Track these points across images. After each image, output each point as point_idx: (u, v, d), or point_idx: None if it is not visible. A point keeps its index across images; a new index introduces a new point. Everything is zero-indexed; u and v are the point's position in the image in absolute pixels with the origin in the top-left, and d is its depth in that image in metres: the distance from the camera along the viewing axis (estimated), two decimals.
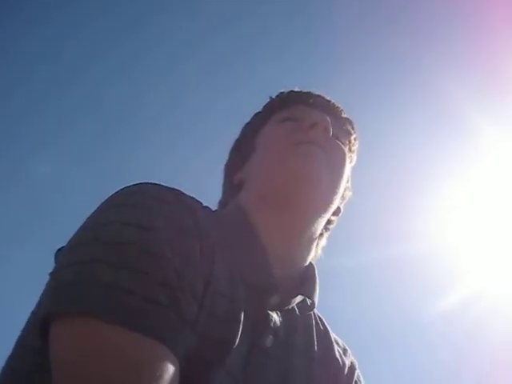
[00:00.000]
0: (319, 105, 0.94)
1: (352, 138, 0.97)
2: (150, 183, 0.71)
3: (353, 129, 0.98)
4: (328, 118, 0.88)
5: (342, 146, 0.91)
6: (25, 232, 3.61)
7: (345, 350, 0.92)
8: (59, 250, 0.70)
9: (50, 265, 0.70)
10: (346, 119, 0.97)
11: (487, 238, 3.23)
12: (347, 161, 0.91)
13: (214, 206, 0.94)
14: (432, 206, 3.18)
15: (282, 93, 0.99)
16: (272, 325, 0.77)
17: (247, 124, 1.01)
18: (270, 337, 0.76)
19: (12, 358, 0.68)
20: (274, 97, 0.99)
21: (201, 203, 0.77)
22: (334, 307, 3.52)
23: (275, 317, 0.78)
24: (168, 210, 0.67)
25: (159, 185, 0.71)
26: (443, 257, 3.30)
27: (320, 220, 0.86)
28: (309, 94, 0.97)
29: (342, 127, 0.95)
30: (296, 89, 0.98)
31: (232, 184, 0.93)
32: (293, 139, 0.85)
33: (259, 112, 1.00)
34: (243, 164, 0.93)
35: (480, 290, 3.12)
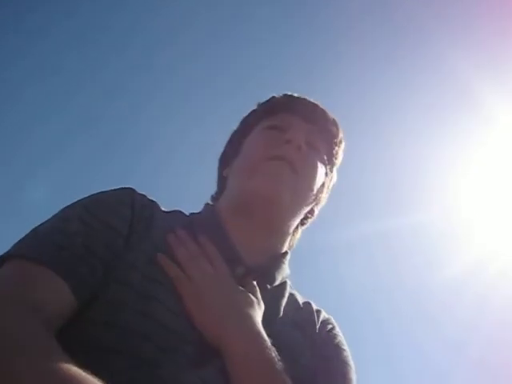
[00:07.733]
0: (302, 112, 1.02)
1: (335, 140, 1.04)
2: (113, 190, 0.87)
3: (337, 129, 1.04)
4: (301, 136, 0.96)
5: (316, 155, 0.99)
6: None
7: (317, 311, 0.97)
8: None
9: None
10: (331, 122, 1.04)
11: (497, 204, 3.33)
12: (319, 169, 0.99)
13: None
14: (443, 175, 3.34)
15: (272, 97, 1.07)
16: None
17: (241, 122, 1.10)
18: None
19: None
20: (263, 102, 1.08)
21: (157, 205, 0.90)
22: (352, 274, 3.74)
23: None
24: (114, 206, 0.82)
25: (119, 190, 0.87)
26: (453, 224, 3.44)
27: (290, 223, 0.96)
28: (293, 100, 1.05)
29: (323, 132, 1.02)
30: (285, 93, 1.07)
31: (221, 176, 1.06)
32: (268, 152, 0.95)
33: (250, 114, 1.09)
34: (231, 160, 1.03)
35: (490, 255, 3.23)
